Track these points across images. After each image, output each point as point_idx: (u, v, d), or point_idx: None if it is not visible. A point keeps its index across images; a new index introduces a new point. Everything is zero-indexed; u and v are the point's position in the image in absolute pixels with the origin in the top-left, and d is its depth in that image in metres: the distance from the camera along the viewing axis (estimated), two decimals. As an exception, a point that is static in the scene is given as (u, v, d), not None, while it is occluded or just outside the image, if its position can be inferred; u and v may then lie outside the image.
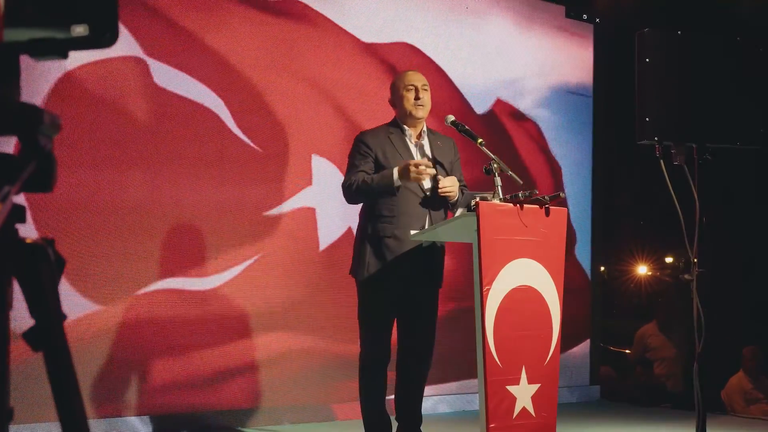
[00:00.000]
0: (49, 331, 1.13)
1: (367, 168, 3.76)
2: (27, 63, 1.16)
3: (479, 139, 3.76)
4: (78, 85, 4.32)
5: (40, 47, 1.11)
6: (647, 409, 6.19)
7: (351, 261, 3.88)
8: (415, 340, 3.84)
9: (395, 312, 3.82)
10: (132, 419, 4.40)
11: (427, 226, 3.74)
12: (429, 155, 3.85)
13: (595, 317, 6.62)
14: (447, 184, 3.72)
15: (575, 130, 6.50)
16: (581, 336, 6.42)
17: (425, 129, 3.90)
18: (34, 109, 1.10)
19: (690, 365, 3.90)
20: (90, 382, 4.26)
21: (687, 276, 3.78)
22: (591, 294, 6.54)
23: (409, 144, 3.85)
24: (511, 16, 6.16)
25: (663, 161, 3.78)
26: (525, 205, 3.53)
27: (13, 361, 1.17)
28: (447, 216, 3.86)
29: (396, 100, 3.90)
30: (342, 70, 5.31)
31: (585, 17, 6.54)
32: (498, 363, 3.40)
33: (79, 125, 4.32)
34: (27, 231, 3.80)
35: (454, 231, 3.64)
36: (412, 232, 3.70)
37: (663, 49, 3.87)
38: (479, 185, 4.40)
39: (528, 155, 6.24)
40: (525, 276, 3.54)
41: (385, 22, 5.55)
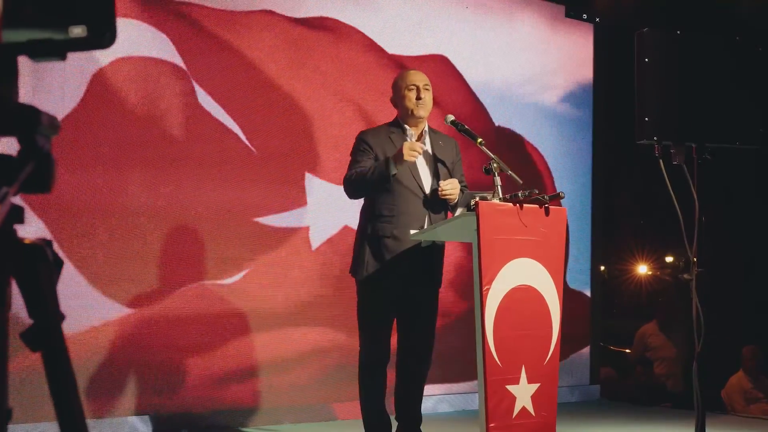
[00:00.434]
0: (48, 332, 1.13)
1: (368, 164, 3.76)
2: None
3: (479, 139, 3.76)
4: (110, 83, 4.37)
5: (38, 48, 1.11)
6: (647, 409, 6.19)
7: (350, 261, 3.89)
8: (415, 339, 3.84)
9: (395, 311, 3.82)
10: (132, 419, 4.40)
11: (427, 225, 3.73)
12: (430, 154, 3.84)
13: (595, 317, 6.61)
14: (447, 186, 3.71)
15: (575, 129, 6.50)
16: (582, 342, 6.41)
17: (426, 128, 3.90)
18: (32, 110, 1.10)
19: (690, 365, 3.90)
20: (90, 382, 4.27)
21: (686, 276, 3.78)
22: (591, 294, 6.54)
23: (410, 143, 3.84)
24: (511, 16, 6.16)
25: (662, 161, 3.78)
26: (525, 205, 3.53)
27: (13, 361, 1.17)
28: (447, 216, 3.86)
29: (397, 99, 3.89)
30: (366, 79, 5.38)
31: (585, 17, 6.53)
32: (498, 362, 3.40)
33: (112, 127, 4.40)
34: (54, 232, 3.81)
35: (453, 231, 3.64)
36: (411, 231, 3.70)
37: (662, 49, 3.87)
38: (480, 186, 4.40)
39: (528, 155, 6.25)
40: (525, 275, 3.54)
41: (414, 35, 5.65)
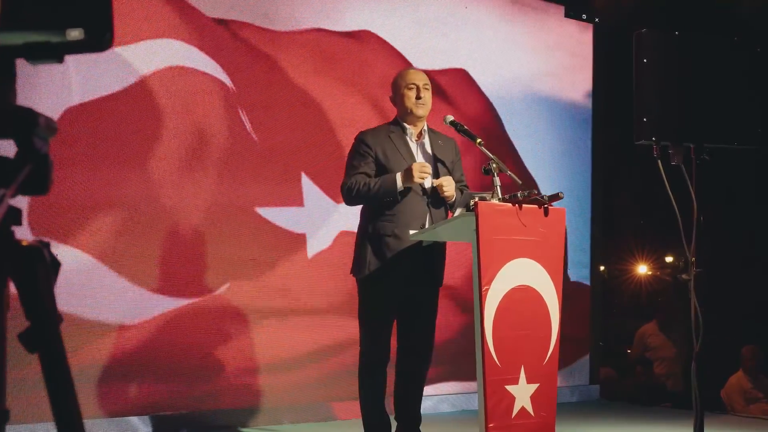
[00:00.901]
0: (45, 333, 1.14)
1: (367, 169, 3.76)
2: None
3: (478, 139, 3.76)
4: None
5: (35, 51, 1.12)
6: (647, 409, 6.19)
7: (351, 260, 3.89)
8: (415, 339, 3.84)
9: (395, 311, 3.82)
10: (132, 419, 4.41)
11: (428, 225, 3.73)
12: (430, 154, 3.85)
13: (595, 317, 6.61)
14: (443, 183, 3.71)
15: (574, 129, 6.50)
16: (583, 349, 6.42)
17: (426, 128, 3.90)
18: (29, 112, 1.11)
19: (689, 365, 3.90)
20: (89, 383, 4.27)
21: (684, 276, 3.78)
22: (591, 294, 6.54)
23: (410, 142, 3.84)
24: (511, 16, 6.16)
25: (661, 161, 3.78)
26: (524, 205, 3.54)
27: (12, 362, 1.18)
28: (447, 216, 3.86)
29: (397, 98, 3.89)
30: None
31: (584, 17, 6.53)
32: (497, 362, 3.40)
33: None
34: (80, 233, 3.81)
35: (453, 231, 3.64)
36: (411, 231, 3.70)
37: (660, 50, 3.87)
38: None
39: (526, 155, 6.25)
40: (524, 276, 3.54)
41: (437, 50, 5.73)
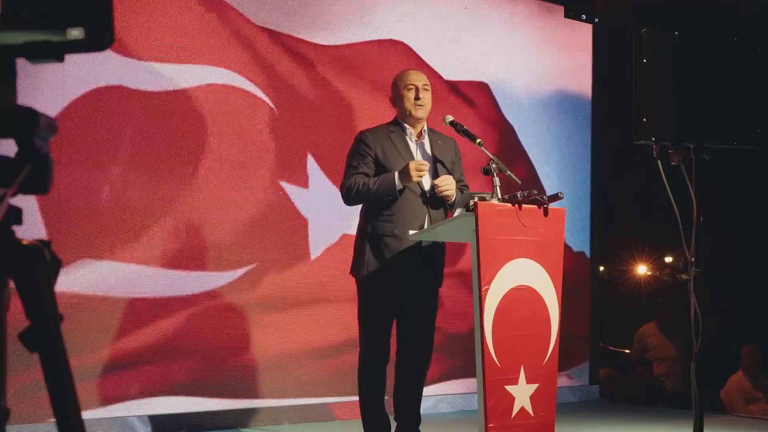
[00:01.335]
0: (45, 332, 1.14)
1: (366, 169, 3.76)
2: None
3: (478, 139, 3.77)
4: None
5: (35, 50, 1.12)
6: (647, 409, 6.19)
7: (351, 260, 3.89)
8: (415, 339, 3.84)
9: (395, 311, 3.82)
10: (132, 419, 4.41)
11: (427, 225, 3.73)
12: (429, 154, 3.85)
13: (595, 317, 6.62)
14: (443, 183, 3.70)
15: (574, 129, 6.50)
16: (582, 356, 6.42)
17: (426, 128, 3.90)
18: (29, 112, 1.11)
19: (689, 365, 3.91)
20: (89, 382, 4.27)
21: (684, 276, 3.79)
22: (591, 294, 6.55)
23: (410, 142, 3.84)
24: (510, 16, 6.16)
25: (660, 162, 3.79)
26: (523, 205, 3.54)
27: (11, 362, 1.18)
28: (447, 216, 3.86)
29: (396, 99, 3.89)
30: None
31: (584, 17, 6.53)
32: (496, 363, 3.40)
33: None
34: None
35: (452, 231, 3.65)
36: (411, 231, 3.70)
37: (660, 50, 3.88)
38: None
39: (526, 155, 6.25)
40: (523, 276, 3.54)
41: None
